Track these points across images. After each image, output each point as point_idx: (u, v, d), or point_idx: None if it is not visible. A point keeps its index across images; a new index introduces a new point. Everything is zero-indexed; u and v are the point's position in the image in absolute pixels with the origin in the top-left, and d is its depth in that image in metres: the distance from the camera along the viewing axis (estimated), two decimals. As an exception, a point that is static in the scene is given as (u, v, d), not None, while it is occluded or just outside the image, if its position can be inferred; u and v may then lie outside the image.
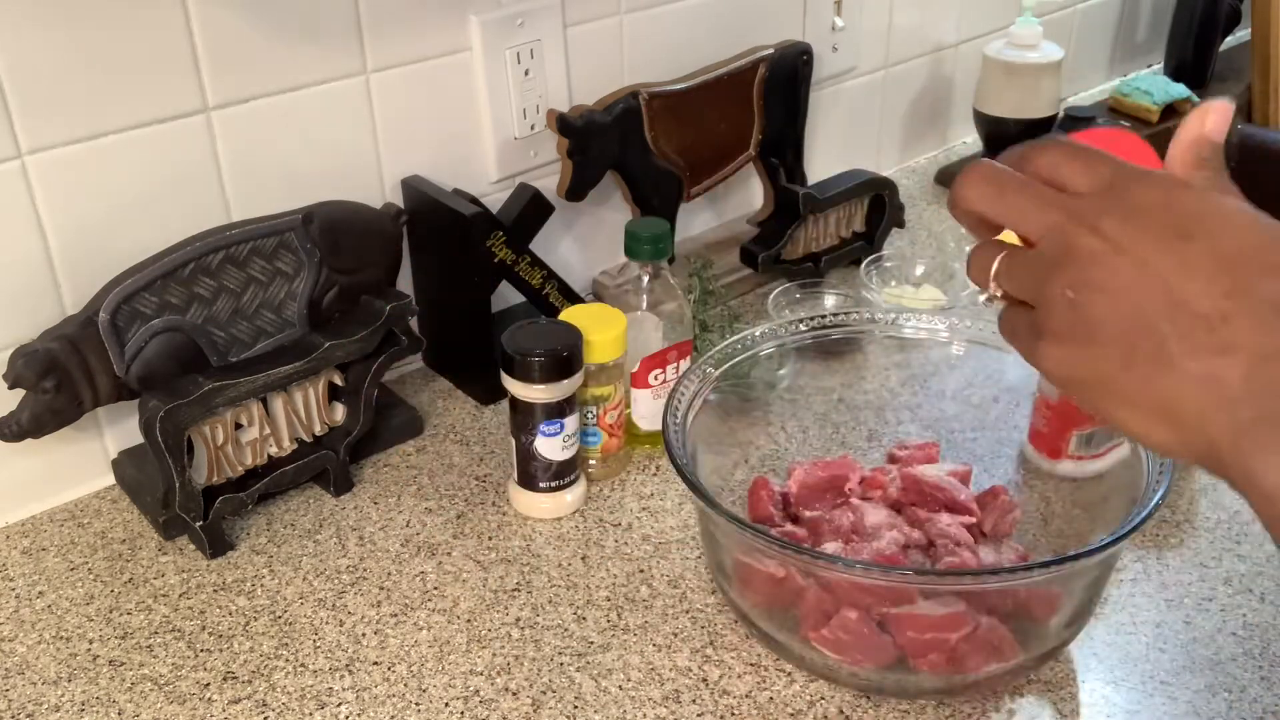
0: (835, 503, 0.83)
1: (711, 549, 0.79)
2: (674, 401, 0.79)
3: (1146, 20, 1.67)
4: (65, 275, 0.85)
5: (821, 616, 0.71)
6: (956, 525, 0.79)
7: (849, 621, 0.70)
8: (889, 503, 0.82)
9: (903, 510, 0.82)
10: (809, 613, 0.72)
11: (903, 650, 0.70)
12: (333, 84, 0.93)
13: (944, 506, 0.81)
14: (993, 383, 0.90)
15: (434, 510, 0.90)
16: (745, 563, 0.74)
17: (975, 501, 0.82)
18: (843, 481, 0.84)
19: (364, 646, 0.78)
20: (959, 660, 0.69)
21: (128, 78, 0.83)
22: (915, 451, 0.87)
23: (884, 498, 0.83)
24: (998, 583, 0.70)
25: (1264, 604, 0.80)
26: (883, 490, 0.83)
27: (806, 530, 0.81)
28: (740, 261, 1.15)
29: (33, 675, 0.76)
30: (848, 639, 0.70)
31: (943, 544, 0.78)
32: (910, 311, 0.90)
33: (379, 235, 0.93)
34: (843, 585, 0.71)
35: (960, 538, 0.78)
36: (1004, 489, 0.83)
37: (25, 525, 0.89)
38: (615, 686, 0.74)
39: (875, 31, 1.33)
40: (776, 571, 0.72)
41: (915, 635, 0.70)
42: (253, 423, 0.86)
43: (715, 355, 0.85)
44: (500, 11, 1.00)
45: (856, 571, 0.69)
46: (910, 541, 0.78)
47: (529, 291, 1.02)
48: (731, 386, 0.93)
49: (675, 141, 1.10)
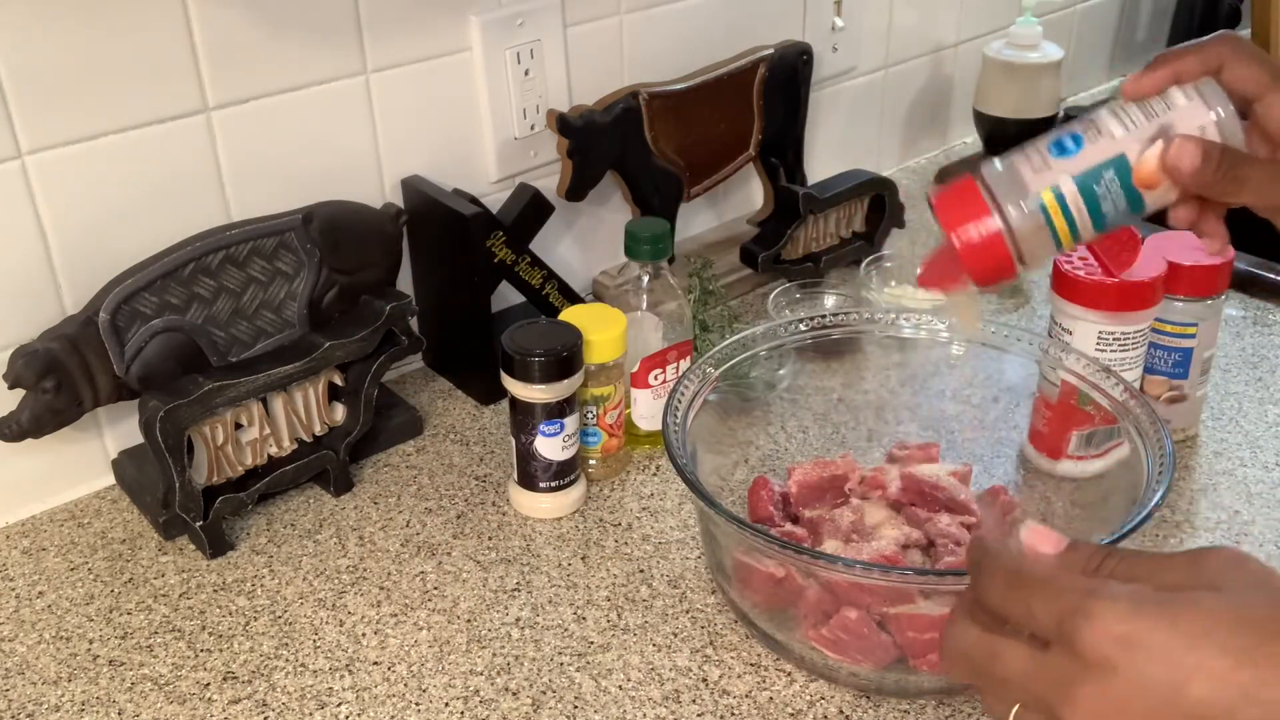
0: (835, 503, 0.83)
1: (711, 549, 0.79)
2: (674, 401, 0.79)
3: (1146, 20, 1.67)
4: (65, 275, 0.85)
5: (821, 616, 0.71)
6: (956, 525, 0.79)
7: (848, 621, 0.70)
8: (889, 502, 0.82)
9: (902, 510, 0.82)
10: (809, 612, 0.72)
11: (902, 650, 0.70)
12: (333, 84, 0.93)
13: (944, 506, 0.80)
14: (992, 383, 0.90)
15: (434, 510, 0.90)
16: (745, 562, 0.74)
17: (975, 501, 0.82)
18: (843, 481, 0.84)
19: (364, 646, 0.78)
20: None
21: (128, 78, 0.83)
22: (915, 451, 0.87)
23: (884, 498, 0.83)
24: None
25: (1264, 604, 0.80)
26: (883, 490, 0.83)
27: (806, 530, 0.81)
28: (740, 261, 1.16)
29: (33, 675, 0.76)
30: (847, 639, 0.70)
31: (942, 544, 0.78)
32: (910, 311, 0.90)
33: (379, 235, 0.93)
34: (842, 585, 0.71)
35: (960, 537, 0.78)
36: (1004, 489, 0.83)
37: (25, 525, 0.89)
38: (615, 686, 0.74)
39: (875, 31, 1.33)
40: (776, 571, 0.72)
41: (915, 635, 0.70)
42: (253, 423, 0.86)
43: (715, 355, 0.85)
44: (500, 11, 1.00)
45: (856, 571, 0.69)
46: (910, 541, 0.78)
47: (529, 291, 1.02)
48: (731, 387, 0.93)
49: (675, 141, 1.10)
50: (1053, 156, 0.60)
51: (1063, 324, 0.89)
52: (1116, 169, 0.59)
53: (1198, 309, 0.90)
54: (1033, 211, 0.60)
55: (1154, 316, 0.88)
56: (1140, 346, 0.88)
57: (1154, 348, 0.91)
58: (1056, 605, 0.46)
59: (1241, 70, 0.60)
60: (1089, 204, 0.60)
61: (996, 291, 0.56)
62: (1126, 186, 0.60)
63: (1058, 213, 0.60)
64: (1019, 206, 0.60)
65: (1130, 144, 0.59)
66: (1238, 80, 0.60)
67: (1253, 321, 1.12)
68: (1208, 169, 0.58)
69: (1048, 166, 0.60)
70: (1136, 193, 0.60)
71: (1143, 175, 0.59)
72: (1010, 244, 0.60)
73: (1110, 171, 0.59)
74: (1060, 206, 0.60)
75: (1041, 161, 0.60)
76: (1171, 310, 0.90)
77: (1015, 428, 0.89)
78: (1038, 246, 0.61)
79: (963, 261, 0.61)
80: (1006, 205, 0.60)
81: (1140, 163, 0.59)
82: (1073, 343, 0.88)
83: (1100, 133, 0.60)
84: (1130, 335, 0.87)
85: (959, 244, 0.60)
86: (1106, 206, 0.60)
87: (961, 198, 0.61)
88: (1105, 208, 0.60)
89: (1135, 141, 0.59)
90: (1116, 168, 0.59)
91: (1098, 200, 0.60)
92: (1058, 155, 0.60)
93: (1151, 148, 0.59)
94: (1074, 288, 0.86)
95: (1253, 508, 0.88)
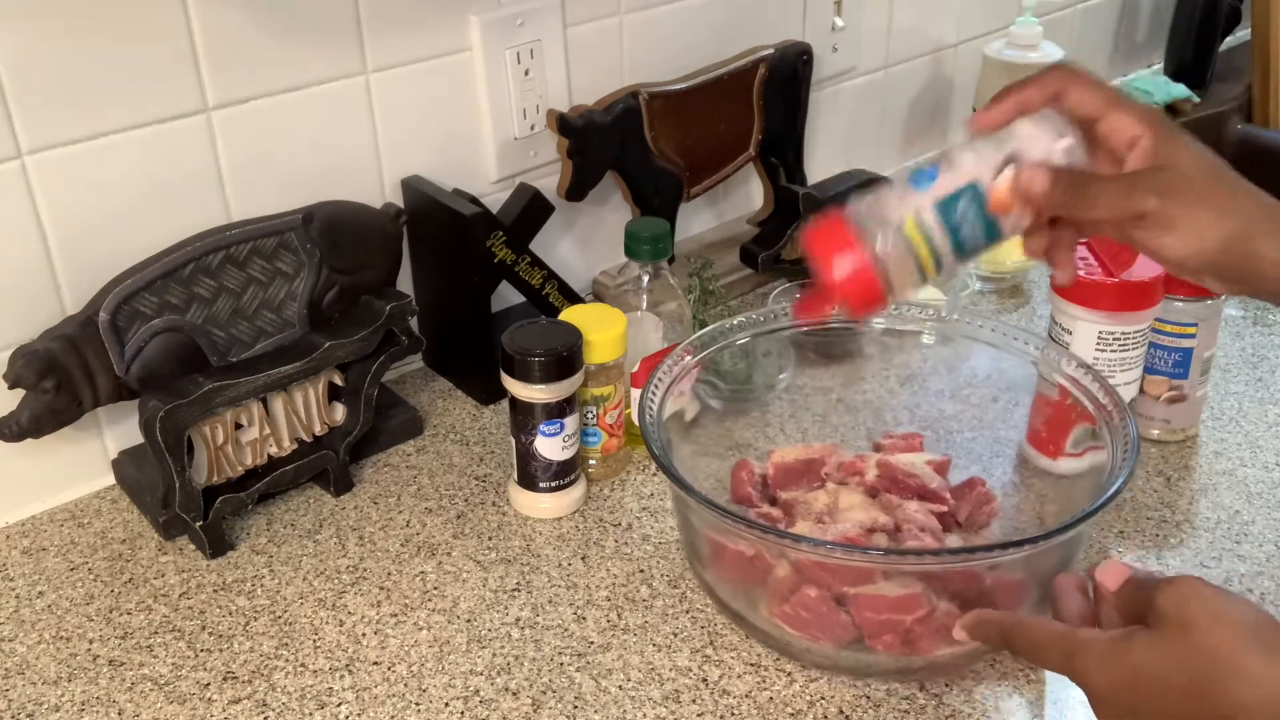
0: (812, 486, 0.85)
1: (685, 530, 0.80)
2: (650, 388, 0.80)
3: (1146, 20, 1.67)
4: (65, 275, 0.85)
5: (787, 594, 0.73)
6: (924, 512, 0.80)
7: (808, 599, 0.72)
8: (866, 489, 0.83)
9: (878, 496, 0.83)
10: (776, 589, 0.74)
11: (860, 629, 0.72)
12: (333, 84, 0.93)
13: (915, 494, 0.82)
14: (991, 383, 0.90)
15: (434, 510, 0.90)
16: (718, 541, 0.75)
17: (950, 491, 0.83)
18: (819, 466, 0.85)
19: (364, 646, 0.78)
20: (912, 642, 0.71)
21: (128, 77, 0.83)
22: (898, 441, 0.88)
23: (861, 484, 0.84)
24: (938, 564, 0.72)
25: (1264, 604, 0.80)
26: (861, 477, 0.84)
27: (782, 511, 0.83)
28: (740, 261, 1.16)
29: (33, 675, 0.76)
30: (808, 616, 0.72)
31: (908, 529, 0.79)
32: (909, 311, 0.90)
33: (379, 235, 0.94)
34: (806, 564, 0.73)
35: (926, 524, 0.79)
36: (982, 480, 0.84)
37: (25, 525, 0.89)
38: (615, 686, 0.74)
39: (875, 31, 1.33)
40: (746, 550, 0.74)
41: (872, 615, 0.71)
42: (253, 423, 0.86)
43: (694, 341, 0.86)
44: (500, 11, 1.00)
45: (804, 548, 0.71)
46: (876, 525, 0.79)
47: (529, 291, 1.02)
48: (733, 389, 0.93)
49: (675, 141, 1.10)
50: (912, 187, 0.64)
51: (1063, 324, 0.89)
52: (972, 196, 0.63)
53: (1198, 309, 0.90)
54: (897, 240, 0.63)
55: (1154, 316, 0.89)
56: (1140, 346, 0.88)
57: (1154, 348, 0.91)
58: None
59: (1080, 95, 0.64)
60: (949, 229, 0.63)
61: (864, 319, 0.64)
62: (982, 213, 0.63)
63: (919, 240, 0.63)
64: (884, 236, 0.63)
65: (984, 171, 0.63)
66: (1078, 104, 0.64)
67: (1253, 321, 1.12)
68: (1058, 189, 0.62)
69: (908, 197, 0.64)
70: (992, 218, 0.63)
71: (997, 200, 0.63)
72: (879, 273, 0.63)
73: (966, 197, 0.63)
74: (922, 234, 0.63)
75: (902, 193, 0.64)
76: (1171, 310, 0.90)
77: (1014, 427, 0.89)
78: (904, 274, 0.64)
79: (836, 292, 0.64)
80: (873, 236, 0.63)
81: (994, 188, 0.63)
82: (1073, 343, 0.88)
83: (954, 164, 0.64)
84: (1130, 335, 0.87)
85: (832, 276, 0.63)
86: (965, 232, 0.63)
87: (831, 232, 0.64)
88: (964, 233, 0.63)
89: (988, 169, 0.63)
90: (972, 195, 0.63)
91: (956, 225, 0.63)
92: (916, 186, 0.64)
93: (1004, 173, 0.63)
94: (1074, 288, 0.86)
95: (1253, 508, 0.88)
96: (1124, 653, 0.56)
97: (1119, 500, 0.89)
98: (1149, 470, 0.92)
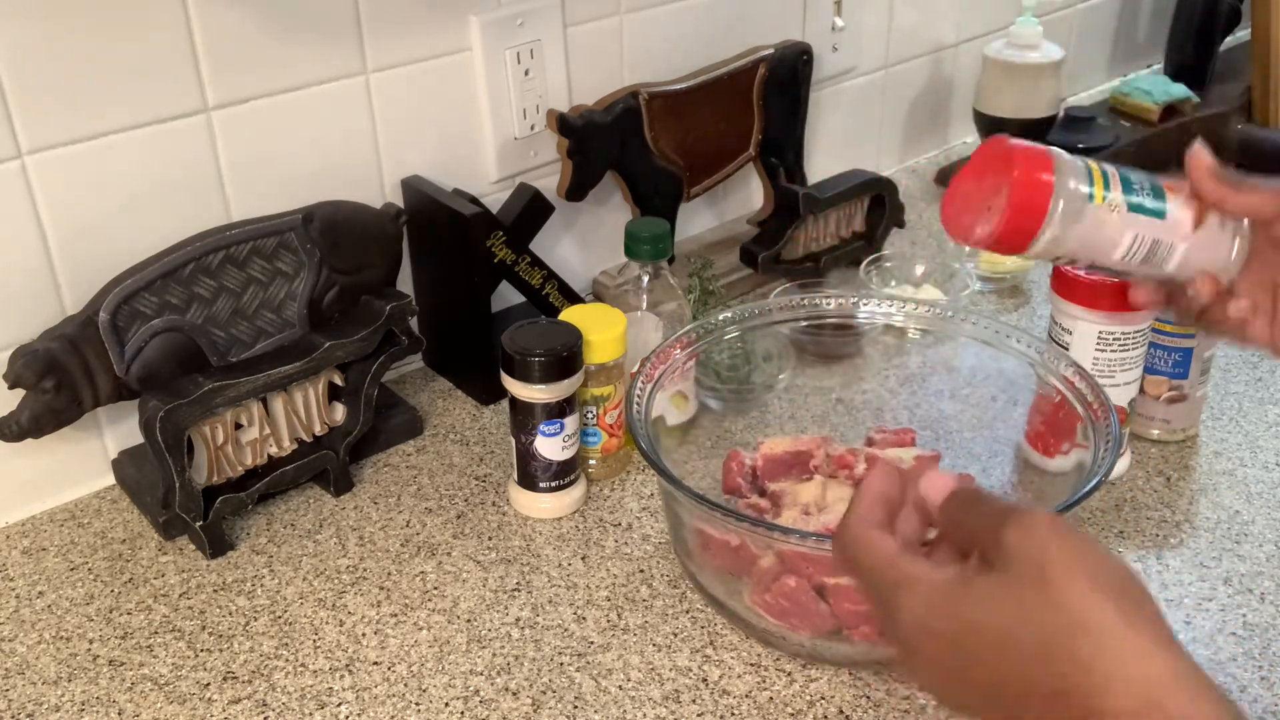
0: (801, 478, 0.85)
1: (671, 520, 0.81)
2: (640, 378, 0.81)
3: (1146, 20, 1.67)
4: (65, 275, 0.85)
5: (770, 583, 0.74)
6: None
7: (788, 588, 0.72)
8: (854, 482, 0.84)
9: None
10: (759, 578, 0.74)
11: (839, 620, 0.72)
12: (333, 84, 0.93)
13: None
14: (990, 382, 0.90)
15: (434, 510, 0.90)
16: (705, 530, 0.76)
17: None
18: (808, 458, 0.86)
19: (364, 646, 0.78)
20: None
21: (128, 77, 0.83)
22: (890, 436, 0.89)
23: (850, 477, 0.84)
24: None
25: (1264, 604, 0.80)
26: (850, 470, 0.85)
27: (770, 502, 0.83)
28: (740, 261, 1.16)
29: (33, 675, 0.76)
30: (788, 605, 0.73)
31: None
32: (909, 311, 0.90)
33: (379, 235, 0.94)
34: (788, 553, 0.73)
35: None
36: (970, 477, 0.84)
37: (25, 525, 0.89)
38: (615, 686, 0.74)
39: (875, 31, 1.33)
40: (731, 539, 0.74)
41: (851, 606, 0.72)
42: (253, 423, 0.86)
43: (687, 332, 0.86)
44: (500, 11, 1.00)
45: (775, 537, 0.71)
46: None
47: (529, 291, 1.02)
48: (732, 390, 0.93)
49: (675, 141, 1.10)
50: (1120, 186, 0.65)
51: (1063, 324, 0.89)
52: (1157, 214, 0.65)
53: (1197, 309, 0.90)
54: (1082, 197, 0.63)
55: (1154, 316, 0.88)
56: (1140, 346, 0.88)
57: (1154, 348, 0.91)
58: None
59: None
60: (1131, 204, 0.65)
61: (997, 250, 0.63)
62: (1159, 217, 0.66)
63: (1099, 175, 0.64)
64: (1076, 187, 0.63)
65: (1180, 216, 0.66)
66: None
67: (1252, 321, 1.11)
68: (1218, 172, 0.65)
69: (1112, 187, 0.65)
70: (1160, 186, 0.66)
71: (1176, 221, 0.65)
72: (1051, 207, 0.63)
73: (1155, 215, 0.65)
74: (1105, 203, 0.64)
75: (1110, 179, 0.65)
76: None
77: (1013, 426, 0.89)
78: (1064, 228, 0.64)
79: (1010, 195, 0.63)
80: (1069, 179, 0.63)
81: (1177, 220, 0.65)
82: (1073, 343, 0.88)
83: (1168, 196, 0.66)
84: (1130, 335, 0.87)
85: (1015, 176, 0.63)
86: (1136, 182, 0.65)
87: (1037, 153, 0.64)
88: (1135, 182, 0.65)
89: (1185, 213, 0.66)
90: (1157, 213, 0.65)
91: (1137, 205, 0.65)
92: (1124, 188, 0.65)
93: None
94: (1074, 287, 0.86)
95: (1253, 508, 0.89)
96: (958, 600, 0.45)
97: (1119, 500, 0.89)
98: (1149, 470, 0.92)
